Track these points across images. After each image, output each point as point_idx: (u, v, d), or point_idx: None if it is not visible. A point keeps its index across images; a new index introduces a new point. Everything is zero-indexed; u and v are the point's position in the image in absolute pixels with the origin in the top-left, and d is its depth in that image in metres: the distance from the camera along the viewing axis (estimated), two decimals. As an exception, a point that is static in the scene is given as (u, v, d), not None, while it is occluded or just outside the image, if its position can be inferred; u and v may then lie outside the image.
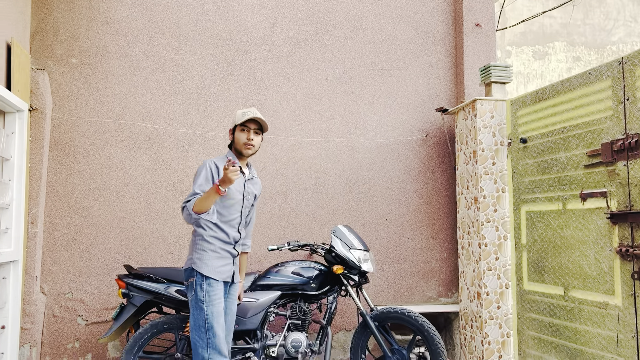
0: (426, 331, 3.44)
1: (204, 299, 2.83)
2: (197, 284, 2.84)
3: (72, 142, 3.99)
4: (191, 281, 2.87)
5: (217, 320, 2.82)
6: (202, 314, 2.82)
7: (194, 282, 2.85)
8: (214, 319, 2.82)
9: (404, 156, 4.51)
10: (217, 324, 2.82)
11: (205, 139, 4.19)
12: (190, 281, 2.88)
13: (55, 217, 3.92)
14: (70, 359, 3.84)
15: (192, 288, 2.86)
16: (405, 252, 4.43)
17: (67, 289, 3.88)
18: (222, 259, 2.92)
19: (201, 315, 2.82)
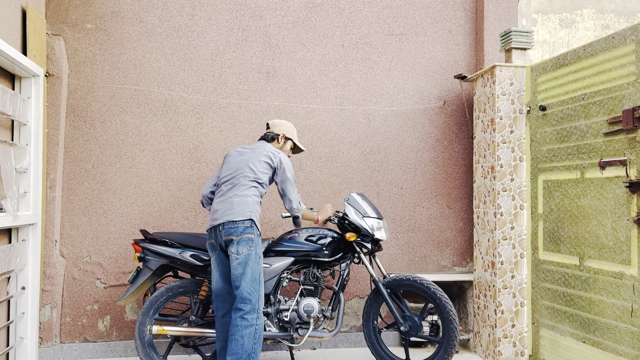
0: (438, 299, 3.44)
1: (259, 253, 3.13)
2: (256, 239, 3.10)
3: (88, 108, 4.02)
4: (249, 237, 3.07)
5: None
6: (258, 267, 3.10)
7: (254, 237, 3.09)
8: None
9: (421, 124, 4.44)
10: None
11: (220, 106, 4.18)
12: (247, 237, 3.07)
13: (73, 182, 3.98)
14: (89, 320, 3.95)
15: (252, 242, 3.08)
16: (420, 221, 4.41)
17: (86, 252, 3.97)
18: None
19: (258, 269, 3.09)
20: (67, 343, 3.91)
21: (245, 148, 3.38)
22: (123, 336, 3.99)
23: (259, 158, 3.26)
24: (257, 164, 3.24)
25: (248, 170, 3.21)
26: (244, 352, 2.98)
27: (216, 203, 3.22)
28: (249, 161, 3.24)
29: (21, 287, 3.31)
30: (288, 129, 3.54)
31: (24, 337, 3.30)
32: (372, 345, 3.65)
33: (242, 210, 3.11)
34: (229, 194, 3.18)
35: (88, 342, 3.94)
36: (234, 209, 3.11)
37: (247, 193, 3.17)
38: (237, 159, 3.29)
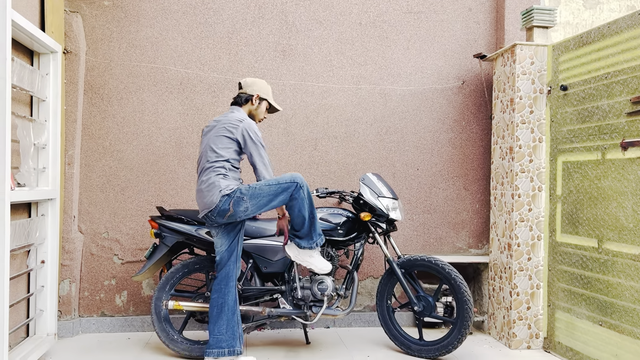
0: (453, 280, 3.43)
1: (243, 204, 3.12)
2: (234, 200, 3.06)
3: (105, 85, 4.04)
4: (229, 212, 3.08)
5: None
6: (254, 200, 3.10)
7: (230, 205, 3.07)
8: None
9: (439, 104, 4.38)
10: None
11: (235, 84, 4.17)
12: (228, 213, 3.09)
13: (90, 159, 4.02)
14: (107, 295, 4.02)
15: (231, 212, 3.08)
16: (435, 203, 4.38)
17: (103, 228, 4.02)
18: None
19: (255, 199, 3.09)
20: (86, 317, 3.99)
21: (213, 121, 3.26)
22: (140, 311, 4.05)
23: (218, 133, 3.14)
24: (217, 141, 3.13)
25: (209, 151, 3.13)
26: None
27: (195, 193, 3.24)
28: (210, 140, 3.16)
29: (41, 260, 3.37)
30: (262, 87, 3.36)
31: (44, 310, 3.37)
32: (385, 325, 3.66)
33: (213, 197, 3.06)
34: (199, 182, 3.17)
35: (106, 316, 4.02)
36: (206, 199, 3.08)
37: (211, 175, 3.10)
38: (204, 138, 3.25)
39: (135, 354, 3.50)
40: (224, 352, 3.07)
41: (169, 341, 3.42)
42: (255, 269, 3.58)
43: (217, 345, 3.08)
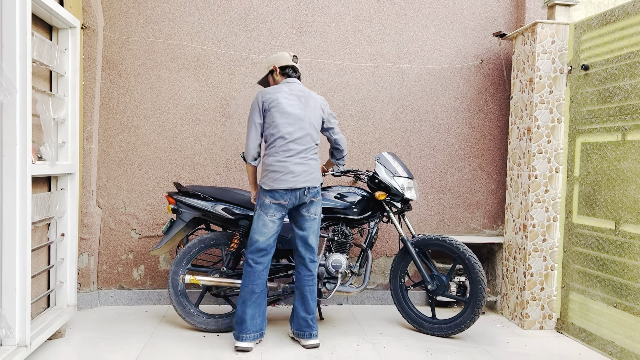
0: (467, 259, 3.43)
1: None
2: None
3: (123, 61, 4.05)
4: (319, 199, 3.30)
5: None
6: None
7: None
8: None
9: (456, 84, 4.34)
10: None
11: (252, 61, 4.16)
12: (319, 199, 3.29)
13: (108, 135, 4.06)
14: (124, 268, 4.09)
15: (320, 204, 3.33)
16: (451, 183, 4.36)
17: (121, 203, 4.08)
18: None
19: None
20: (104, 289, 4.08)
21: (298, 98, 3.23)
22: (157, 285, 4.13)
23: (316, 113, 3.26)
24: (316, 123, 3.26)
25: (314, 131, 3.24)
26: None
27: (292, 164, 3.13)
28: (312, 119, 3.23)
29: (60, 234, 3.43)
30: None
31: (64, 282, 3.45)
32: (398, 303, 3.69)
33: (318, 176, 3.25)
34: (306, 156, 3.19)
35: (123, 289, 4.10)
36: (314, 173, 3.21)
37: (316, 157, 3.26)
38: (298, 113, 3.19)
39: (152, 326, 3.57)
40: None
41: (185, 314, 3.48)
42: (270, 245, 3.61)
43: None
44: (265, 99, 3.19)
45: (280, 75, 3.33)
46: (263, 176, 3.18)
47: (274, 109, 3.16)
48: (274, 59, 3.35)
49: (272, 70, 3.34)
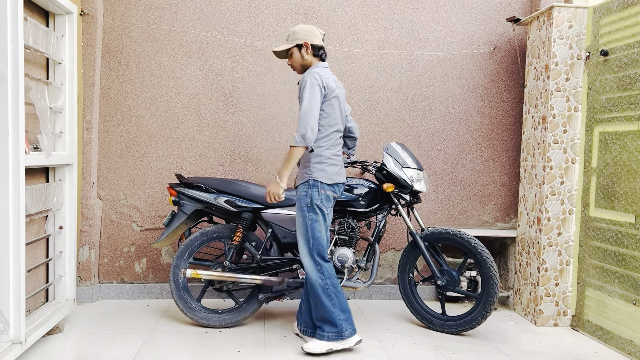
0: (479, 254, 3.30)
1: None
2: None
3: (123, 48, 3.93)
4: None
5: None
6: None
7: None
8: None
9: (468, 71, 4.18)
10: None
11: (256, 48, 4.03)
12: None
13: (109, 125, 3.95)
14: (126, 261, 4.00)
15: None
16: (462, 174, 4.21)
17: (122, 195, 3.98)
18: None
19: None
20: (105, 283, 3.99)
21: (335, 83, 3.02)
22: (159, 278, 4.03)
23: (343, 105, 3.12)
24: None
25: (342, 123, 3.12)
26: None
27: (339, 160, 3.07)
28: (344, 110, 3.12)
29: (59, 226, 3.34)
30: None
31: (63, 275, 3.36)
32: (407, 298, 3.57)
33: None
34: (339, 151, 3.12)
35: (125, 282, 4.01)
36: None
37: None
38: (341, 104, 3.06)
39: (153, 321, 3.48)
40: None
41: (186, 309, 3.39)
42: (274, 238, 3.50)
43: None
44: (326, 84, 2.91)
45: (312, 56, 3.03)
46: (318, 169, 2.95)
47: (334, 99, 2.97)
48: (306, 33, 3.00)
49: (300, 45, 3.01)
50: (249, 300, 3.44)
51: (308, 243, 2.97)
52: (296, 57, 3.04)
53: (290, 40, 3.02)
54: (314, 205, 2.96)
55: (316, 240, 2.97)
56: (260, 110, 4.05)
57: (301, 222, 2.98)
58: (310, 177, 2.96)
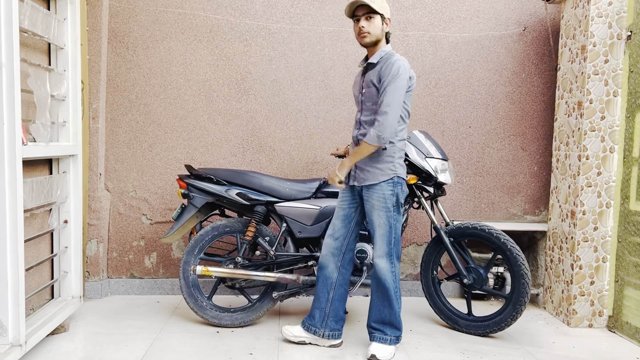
0: (509, 250, 3.06)
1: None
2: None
3: (130, 33, 3.74)
4: None
5: (334, 215, 2.96)
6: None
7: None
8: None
9: (496, 54, 3.90)
10: (333, 218, 2.95)
11: (269, 31, 3.80)
12: None
13: (116, 113, 3.78)
14: (136, 256, 3.84)
15: None
16: (489, 164, 3.96)
17: (131, 187, 3.81)
18: None
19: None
20: (115, 278, 3.84)
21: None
22: (170, 274, 3.87)
23: None
24: None
25: None
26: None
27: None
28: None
29: (63, 220, 3.18)
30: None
31: (68, 271, 3.21)
32: (430, 297, 3.35)
33: None
34: None
35: (135, 278, 3.86)
36: None
37: None
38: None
39: (163, 319, 3.32)
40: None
41: (197, 308, 3.22)
42: (289, 233, 3.30)
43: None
44: (411, 74, 2.71)
45: (385, 39, 2.77)
46: (400, 165, 2.76)
47: (410, 92, 2.76)
48: (388, 11, 2.73)
49: (384, 18, 2.69)
50: (263, 299, 3.26)
51: (390, 244, 2.76)
52: (377, 25, 2.67)
53: (379, 6, 2.66)
54: (399, 205, 2.77)
55: (397, 241, 2.80)
56: (274, 97, 3.84)
57: (384, 222, 2.74)
58: (395, 174, 2.75)
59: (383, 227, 2.75)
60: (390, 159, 2.74)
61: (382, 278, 2.77)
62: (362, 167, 2.78)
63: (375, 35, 2.69)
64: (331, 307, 2.89)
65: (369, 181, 2.76)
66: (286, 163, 3.87)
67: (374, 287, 2.84)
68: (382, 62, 2.69)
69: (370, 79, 2.72)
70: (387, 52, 2.74)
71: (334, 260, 2.89)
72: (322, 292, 2.90)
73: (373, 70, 2.73)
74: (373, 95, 2.72)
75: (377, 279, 2.80)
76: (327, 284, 2.90)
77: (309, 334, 2.92)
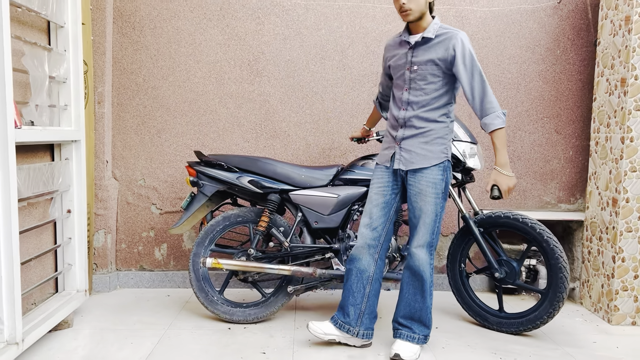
0: (545, 242, 2.79)
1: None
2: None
3: (137, 12, 3.54)
4: None
5: (369, 203, 2.66)
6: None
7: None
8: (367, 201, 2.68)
9: (528, 29, 3.60)
10: (369, 206, 2.65)
11: (283, 8, 3.56)
12: None
13: (123, 97, 3.58)
14: (145, 247, 3.67)
15: None
16: (520, 149, 3.68)
17: (139, 175, 3.63)
18: (386, 142, 2.67)
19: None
20: (124, 270, 3.67)
21: None
22: (181, 266, 3.69)
23: None
24: None
25: None
26: None
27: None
28: None
29: (67, 210, 3.01)
30: None
31: (72, 264, 3.04)
32: (457, 292, 3.10)
33: None
34: None
35: (145, 270, 3.68)
36: None
37: None
38: None
39: (172, 314, 3.14)
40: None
41: (207, 303, 3.02)
42: (304, 224, 3.08)
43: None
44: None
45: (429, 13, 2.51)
46: (449, 148, 2.56)
47: None
48: None
49: None
50: (277, 293, 3.05)
51: (432, 233, 2.54)
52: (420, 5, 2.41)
53: None
54: (447, 192, 2.55)
55: (439, 231, 2.59)
56: (289, 78, 3.60)
57: (431, 210, 2.51)
58: (446, 158, 2.53)
59: (429, 216, 2.51)
60: (443, 141, 2.52)
61: (420, 270, 2.54)
62: (410, 148, 2.54)
63: (419, 10, 2.42)
64: (367, 303, 2.64)
65: (418, 164, 2.52)
66: (302, 149, 3.64)
67: (407, 279, 2.60)
68: (445, 38, 2.44)
69: (429, 56, 2.46)
70: (440, 25, 2.48)
71: (371, 252, 2.64)
72: (357, 287, 2.65)
73: (429, 46, 2.47)
74: (428, 74, 2.47)
75: (413, 270, 2.56)
76: (362, 278, 2.65)
77: (342, 332, 2.65)
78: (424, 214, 2.53)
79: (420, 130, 2.52)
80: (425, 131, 2.51)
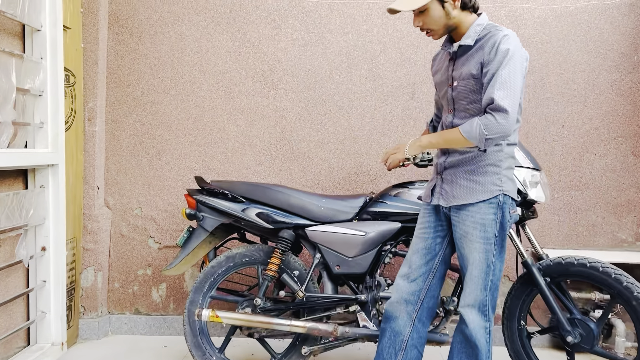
0: (635, 299, 2.15)
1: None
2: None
3: (135, 16, 3.08)
4: None
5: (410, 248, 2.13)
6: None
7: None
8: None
9: (597, 30, 2.99)
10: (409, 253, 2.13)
11: (303, 10, 3.05)
12: None
13: (118, 114, 3.12)
14: (141, 287, 3.16)
15: None
16: (588, 175, 3.04)
17: (136, 203, 3.14)
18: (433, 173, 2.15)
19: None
20: (116, 314, 3.17)
21: None
22: (181, 309, 3.17)
23: None
24: None
25: None
26: None
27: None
28: None
29: (41, 247, 2.53)
30: None
31: (47, 312, 2.55)
32: (516, 355, 2.47)
33: None
34: None
35: (140, 314, 3.17)
36: None
37: None
38: None
39: (164, 375, 2.60)
40: None
41: (204, 363, 2.47)
42: (324, 267, 2.51)
43: None
44: (525, 54, 1.91)
45: (461, 9, 1.89)
46: (509, 179, 1.95)
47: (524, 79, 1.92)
48: None
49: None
50: (289, 354, 2.48)
51: (485, 289, 1.95)
52: (436, 15, 1.88)
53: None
54: (504, 236, 1.95)
55: (496, 287, 1.98)
56: (309, 91, 3.08)
57: (481, 259, 1.93)
58: (500, 191, 1.92)
59: (477, 267, 1.92)
60: (495, 170, 1.92)
61: (472, 337, 1.94)
62: (452, 179, 1.97)
63: (441, 26, 1.90)
64: None
65: (461, 200, 1.94)
66: (324, 174, 3.09)
67: (458, 345, 2.00)
68: (484, 42, 1.85)
69: (467, 69, 1.89)
70: (485, 25, 1.89)
71: (408, 311, 2.06)
72: (389, 353, 2.07)
73: (469, 55, 1.89)
74: (469, 91, 1.89)
75: (464, 336, 1.97)
76: (395, 342, 2.07)
77: None
78: (471, 265, 1.94)
79: (465, 156, 1.94)
80: (471, 158, 1.93)
